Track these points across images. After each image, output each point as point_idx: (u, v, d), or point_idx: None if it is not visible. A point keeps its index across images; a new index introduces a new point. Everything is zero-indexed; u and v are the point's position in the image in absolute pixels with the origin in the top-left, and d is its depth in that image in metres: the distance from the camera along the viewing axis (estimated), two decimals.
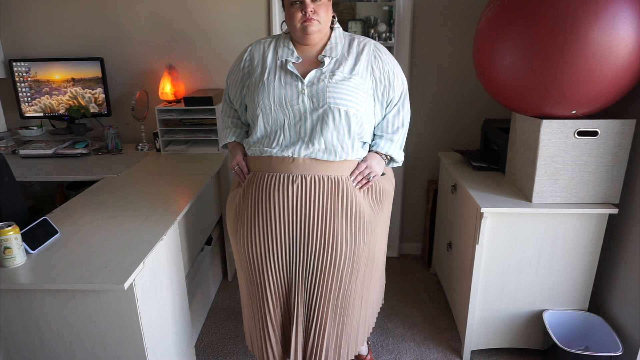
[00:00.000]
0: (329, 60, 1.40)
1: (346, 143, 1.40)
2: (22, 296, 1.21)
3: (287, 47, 1.44)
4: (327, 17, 1.38)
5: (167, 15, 2.36)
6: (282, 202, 1.40)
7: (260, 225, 1.43)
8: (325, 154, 1.39)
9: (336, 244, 1.41)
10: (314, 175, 1.40)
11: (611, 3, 1.36)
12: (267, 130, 1.42)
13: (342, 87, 1.36)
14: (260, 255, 1.44)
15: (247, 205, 1.46)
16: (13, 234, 1.22)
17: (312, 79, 1.37)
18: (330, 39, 1.44)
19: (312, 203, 1.39)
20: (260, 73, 1.43)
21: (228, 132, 1.60)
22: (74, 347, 1.27)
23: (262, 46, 1.48)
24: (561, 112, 1.56)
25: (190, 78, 2.46)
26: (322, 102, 1.36)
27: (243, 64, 1.48)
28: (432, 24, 2.32)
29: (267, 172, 1.43)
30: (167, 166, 2.13)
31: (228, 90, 1.56)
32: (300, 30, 1.37)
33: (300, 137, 1.39)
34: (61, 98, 2.41)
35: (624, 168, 1.62)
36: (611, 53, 1.39)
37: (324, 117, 1.36)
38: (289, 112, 1.38)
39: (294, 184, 1.39)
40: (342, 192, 1.41)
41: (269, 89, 1.38)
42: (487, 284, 1.79)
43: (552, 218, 1.68)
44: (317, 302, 1.45)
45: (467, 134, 2.48)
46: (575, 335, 1.78)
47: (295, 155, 1.39)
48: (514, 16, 1.51)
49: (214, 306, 2.27)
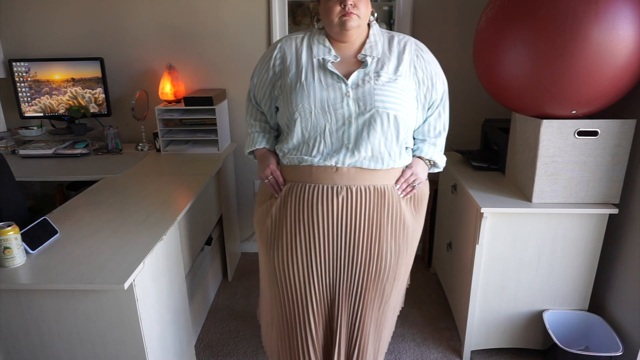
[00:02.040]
0: (370, 59, 1.29)
1: (394, 150, 1.30)
2: (22, 296, 1.21)
3: (322, 45, 1.31)
4: (367, 11, 1.28)
5: (167, 15, 2.36)
6: (326, 216, 1.30)
7: (302, 242, 1.33)
8: (371, 162, 1.29)
9: (381, 257, 1.33)
10: (360, 186, 1.30)
11: (611, 3, 1.36)
12: (305, 136, 1.29)
13: (390, 90, 1.26)
14: (302, 274, 1.35)
15: (285, 219, 1.35)
16: (13, 234, 1.22)
17: (356, 81, 1.26)
18: (369, 36, 1.33)
19: (359, 216, 1.30)
20: (296, 73, 1.30)
21: (257, 137, 1.46)
22: (74, 347, 1.27)
23: (293, 43, 1.35)
24: (561, 112, 1.56)
25: (190, 78, 2.46)
26: (369, 105, 1.24)
27: (273, 62, 1.35)
28: (432, 24, 2.32)
29: (308, 183, 1.32)
30: (167, 166, 2.12)
31: (254, 90, 1.43)
32: (338, 26, 1.25)
33: (343, 144, 1.27)
34: (61, 98, 2.41)
35: (624, 168, 1.62)
36: (611, 53, 1.39)
37: (371, 122, 1.25)
38: (331, 117, 1.26)
39: (338, 195, 1.29)
40: (388, 202, 1.32)
41: (309, 91, 1.26)
42: (487, 284, 1.79)
43: (552, 218, 1.68)
44: (360, 317, 1.38)
45: (467, 134, 2.47)
46: (575, 335, 1.78)
47: (339, 165, 1.28)
48: (514, 16, 1.51)
49: (214, 306, 2.27)
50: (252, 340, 2.03)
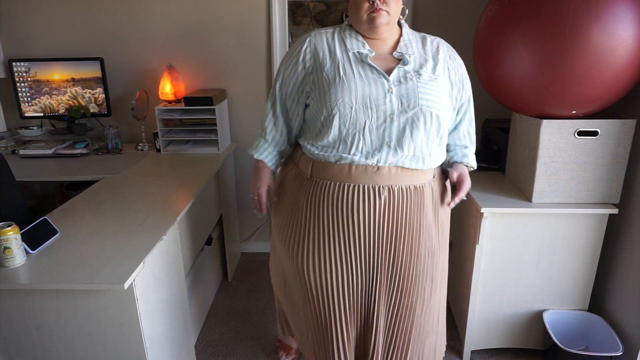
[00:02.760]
0: (408, 57, 1.25)
1: (434, 150, 1.28)
2: (22, 296, 1.21)
3: (356, 39, 1.27)
4: (397, 8, 1.23)
5: (167, 15, 2.36)
6: (367, 218, 1.25)
7: (340, 247, 1.28)
8: (413, 162, 1.24)
9: (419, 258, 1.30)
10: (402, 186, 1.25)
11: (611, 3, 1.36)
12: (343, 133, 1.22)
13: (432, 89, 1.22)
14: (339, 278, 1.30)
15: (319, 221, 1.29)
16: (13, 234, 1.22)
17: (398, 77, 1.22)
18: (402, 34, 1.30)
19: (401, 217, 1.26)
20: (332, 66, 1.24)
21: (262, 147, 1.41)
22: (74, 347, 1.27)
23: (324, 37, 1.29)
24: (561, 112, 1.56)
25: (190, 78, 2.46)
26: (413, 103, 1.20)
27: (303, 57, 1.28)
28: (432, 23, 2.32)
29: (346, 182, 1.25)
30: (167, 166, 2.12)
31: (280, 88, 1.34)
32: (366, 22, 1.21)
33: (384, 142, 1.22)
34: (61, 98, 2.41)
35: (624, 168, 1.62)
36: (611, 53, 1.39)
37: (414, 120, 1.21)
38: (372, 113, 1.20)
39: (380, 197, 1.24)
40: (426, 201, 1.30)
41: (350, 85, 1.20)
42: (487, 284, 1.79)
43: (552, 218, 1.68)
44: (400, 323, 1.34)
45: None
46: (575, 335, 1.78)
47: (380, 163, 1.23)
48: (514, 16, 1.51)
49: (214, 306, 2.27)
50: (252, 341, 2.03)
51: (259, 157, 1.41)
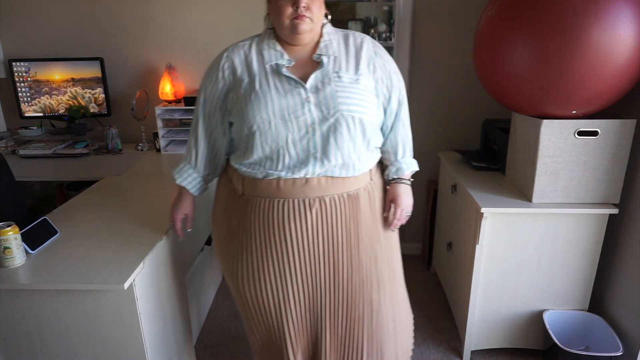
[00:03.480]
0: (327, 58, 1.20)
1: (363, 155, 1.23)
2: (22, 296, 1.21)
3: (273, 49, 1.21)
4: (320, 14, 1.18)
5: (167, 15, 2.36)
6: (300, 232, 1.21)
7: (275, 264, 1.25)
8: (342, 170, 1.21)
9: (361, 268, 1.27)
10: (333, 196, 1.21)
11: (611, 3, 1.36)
12: (267, 150, 1.18)
13: (352, 91, 1.17)
14: (276, 298, 1.28)
15: (251, 240, 1.25)
16: (12, 234, 1.22)
17: (315, 83, 1.17)
18: (322, 35, 1.23)
19: (335, 227, 1.23)
20: (249, 82, 1.19)
21: (185, 170, 1.35)
22: (74, 347, 1.27)
23: (241, 51, 1.24)
24: (561, 112, 1.56)
25: (190, 78, 2.46)
26: (332, 109, 1.15)
27: (222, 74, 1.23)
28: (432, 23, 2.32)
29: (276, 198, 1.21)
30: (167, 166, 2.12)
31: (203, 106, 1.27)
32: (288, 29, 1.15)
33: (310, 154, 1.17)
34: (61, 98, 2.41)
35: (624, 168, 1.62)
36: (611, 53, 1.39)
37: (337, 127, 1.16)
38: (292, 126, 1.15)
39: (311, 209, 1.20)
40: (362, 207, 1.25)
41: (266, 100, 1.15)
42: (487, 284, 1.79)
43: (552, 218, 1.68)
44: (351, 333, 1.32)
45: (467, 134, 2.47)
46: (575, 335, 1.78)
47: (308, 175, 1.19)
48: (514, 16, 1.51)
49: (214, 306, 2.27)
50: None
51: (181, 183, 1.35)
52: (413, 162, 1.38)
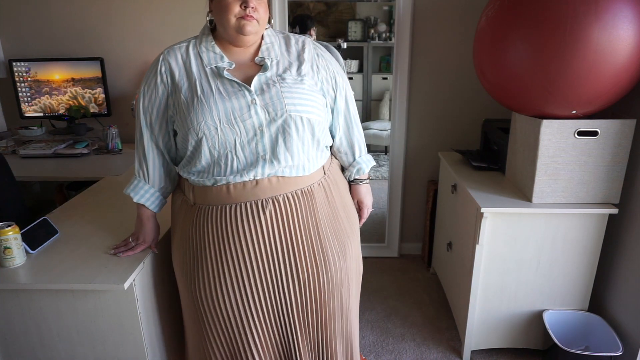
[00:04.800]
0: (270, 62, 1.17)
1: (313, 154, 1.21)
2: (22, 296, 1.21)
3: (212, 51, 1.16)
4: (266, 17, 1.15)
5: (167, 14, 2.36)
6: (255, 236, 1.17)
7: (231, 271, 1.19)
8: (293, 170, 1.18)
9: (327, 262, 1.23)
10: (286, 194, 1.18)
11: (611, 3, 1.36)
12: (215, 156, 1.14)
13: (298, 91, 1.15)
14: (237, 308, 1.21)
15: (205, 249, 1.20)
16: (13, 234, 1.22)
17: (260, 85, 1.13)
18: (263, 38, 1.21)
19: (293, 226, 1.19)
20: (189, 87, 1.14)
21: (138, 185, 1.26)
22: (74, 347, 1.27)
23: (178, 54, 1.18)
24: (561, 112, 1.56)
25: None
26: (280, 110, 1.12)
27: (160, 78, 1.17)
28: (432, 23, 2.32)
29: (226, 204, 1.17)
30: None
31: (144, 114, 1.22)
32: (234, 29, 1.11)
33: (259, 156, 1.14)
34: (61, 98, 2.41)
35: (624, 168, 1.62)
36: (611, 53, 1.39)
37: (285, 128, 1.14)
38: (240, 129, 1.11)
39: (265, 210, 1.16)
40: (319, 200, 1.23)
41: (210, 105, 1.10)
42: (487, 284, 1.79)
43: (552, 218, 1.68)
44: (325, 333, 1.28)
45: (467, 134, 2.47)
46: (575, 335, 1.78)
47: (258, 177, 1.15)
48: (514, 16, 1.51)
49: None
50: None
51: (138, 201, 1.27)
52: (370, 158, 1.39)
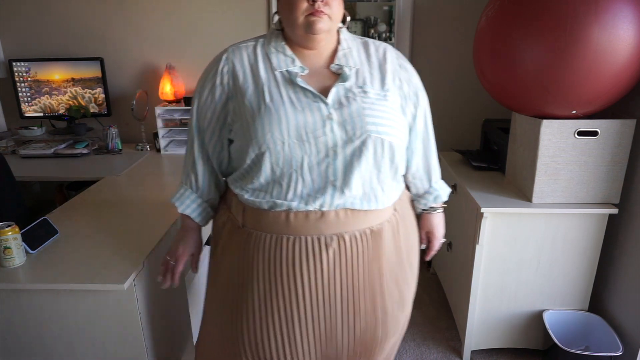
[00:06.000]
0: (349, 70, 1.01)
1: (388, 184, 1.04)
2: (22, 296, 1.21)
3: (282, 53, 1.02)
4: (339, 12, 0.99)
5: (167, 15, 2.36)
6: (314, 278, 1.01)
7: (282, 315, 1.03)
8: (364, 202, 1.01)
9: (387, 315, 1.08)
10: (354, 232, 1.01)
11: (611, 3, 1.36)
12: (277, 174, 0.97)
13: (381, 109, 0.99)
14: (282, 352, 1.06)
15: (253, 283, 1.04)
16: (12, 234, 1.22)
17: (338, 98, 0.97)
18: (340, 42, 1.05)
19: (356, 271, 1.03)
20: (256, 92, 0.99)
21: (185, 194, 1.14)
22: (74, 347, 1.27)
23: (244, 53, 1.04)
24: (561, 112, 1.56)
25: (190, 78, 2.46)
26: (359, 130, 0.96)
27: (220, 79, 1.03)
28: (432, 23, 2.32)
29: (285, 234, 1.01)
30: (167, 166, 2.12)
31: (197, 118, 1.07)
32: (303, 27, 0.96)
33: (328, 181, 0.97)
34: (61, 98, 2.41)
35: (624, 168, 1.62)
36: (611, 53, 1.39)
37: (362, 151, 0.97)
38: (310, 147, 0.95)
39: (328, 249, 1.00)
40: (386, 244, 1.06)
41: (279, 114, 0.95)
42: (487, 284, 1.79)
43: (552, 218, 1.68)
44: None
45: (467, 134, 2.47)
46: (575, 335, 1.78)
47: (324, 208, 0.98)
48: (514, 16, 1.51)
49: None
50: None
51: (183, 211, 1.14)
52: (445, 184, 1.24)
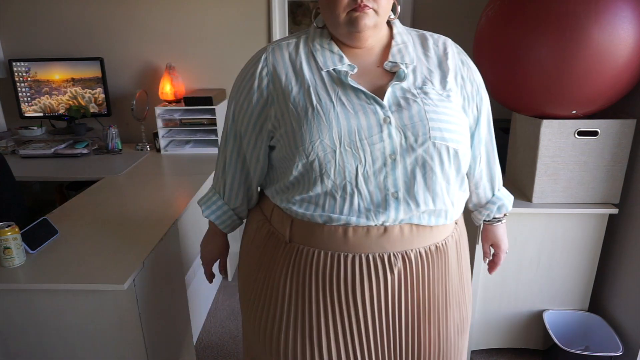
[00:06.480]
0: (405, 68, 0.89)
1: (457, 196, 0.94)
2: (22, 296, 1.21)
3: (329, 50, 0.91)
4: (388, 3, 0.87)
5: (167, 15, 2.36)
6: (377, 301, 0.90)
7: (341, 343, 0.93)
8: (432, 217, 0.91)
9: (449, 340, 0.99)
10: (419, 250, 0.91)
11: (611, 3, 1.36)
12: (328, 185, 0.87)
13: (445, 112, 0.87)
14: None
15: (305, 303, 0.93)
16: (12, 234, 1.22)
17: (396, 99, 0.86)
18: (393, 36, 0.93)
19: (421, 293, 0.93)
20: (301, 95, 0.88)
21: (213, 200, 1.08)
22: (74, 347, 1.27)
23: (284, 53, 0.92)
24: (561, 112, 1.56)
25: (190, 78, 2.46)
26: (422, 136, 0.84)
27: (259, 82, 0.91)
28: (432, 23, 2.32)
29: (343, 252, 0.90)
30: (167, 166, 2.12)
31: (234, 124, 0.98)
32: (345, 25, 0.86)
33: (388, 193, 0.87)
34: (61, 98, 2.41)
35: (624, 168, 1.62)
36: (611, 53, 1.39)
37: (426, 160, 0.86)
38: (364, 155, 0.84)
39: (393, 270, 0.90)
40: (452, 261, 0.98)
41: (329, 119, 0.84)
42: (487, 284, 1.79)
43: (552, 218, 1.68)
44: None
45: None
46: (575, 335, 1.78)
47: (388, 223, 0.88)
48: (514, 16, 1.51)
49: (214, 306, 2.27)
50: None
51: (208, 217, 1.09)
52: (508, 192, 1.16)
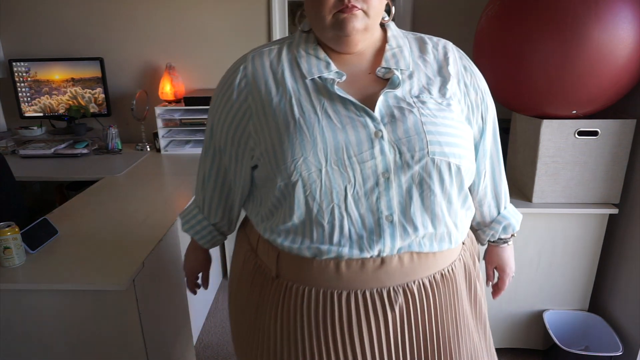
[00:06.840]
0: (399, 74, 0.79)
1: (461, 217, 0.83)
2: (22, 296, 1.21)
3: (315, 56, 0.80)
4: (380, 4, 0.77)
5: (167, 15, 2.36)
6: (377, 343, 0.80)
7: None
8: (434, 243, 0.80)
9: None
10: (422, 281, 0.81)
11: (611, 3, 1.36)
12: (314, 210, 0.76)
13: (445, 123, 0.77)
14: None
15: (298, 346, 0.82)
16: (12, 234, 1.22)
17: (389, 109, 0.76)
18: (388, 39, 0.83)
19: (427, 329, 0.82)
20: (282, 106, 0.77)
21: (193, 214, 1.00)
22: (74, 347, 1.27)
23: (265, 61, 0.82)
24: (561, 112, 1.56)
25: (190, 78, 2.46)
26: (419, 152, 0.74)
27: (237, 94, 0.82)
28: (432, 23, 2.32)
29: (336, 289, 0.79)
30: (167, 166, 2.12)
31: (212, 138, 0.89)
32: (332, 28, 0.75)
33: (382, 217, 0.76)
34: (61, 98, 2.41)
35: (624, 168, 1.62)
36: (611, 53, 1.39)
37: (423, 178, 0.75)
38: (353, 174, 0.74)
39: (394, 307, 0.79)
40: (461, 285, 0.87)
41: (314, 134, 0.74)
42: None
43: (552, 218, 1.68)
44: None
45: None
46: (575, 335, 1.78)
47: (384, 253, 0.77)
48: (514, 16, 1.51)
49: (214, 306, 2.27)
50: None
51: (186, 231, 1.02)
52: (515, 210, 1.05)
